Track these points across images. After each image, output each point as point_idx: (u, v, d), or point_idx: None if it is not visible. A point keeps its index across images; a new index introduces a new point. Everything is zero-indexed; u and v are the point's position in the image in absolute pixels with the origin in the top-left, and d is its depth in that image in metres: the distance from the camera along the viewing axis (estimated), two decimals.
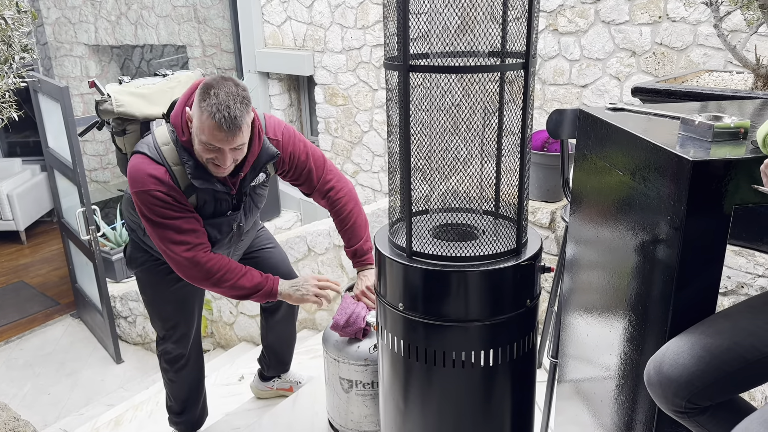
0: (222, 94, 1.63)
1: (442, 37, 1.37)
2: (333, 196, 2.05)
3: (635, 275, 1.16)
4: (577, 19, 3.83)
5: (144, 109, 1.88)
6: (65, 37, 6.98)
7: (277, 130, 1.93)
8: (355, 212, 2.09)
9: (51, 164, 5.01)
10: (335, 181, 2.06)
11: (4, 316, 5.47)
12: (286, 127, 1.97)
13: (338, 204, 2.06)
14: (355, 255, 2.08)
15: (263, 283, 1.91)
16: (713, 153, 1.00)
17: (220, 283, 1.86)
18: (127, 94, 1.89)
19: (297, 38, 5.32)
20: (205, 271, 1.84)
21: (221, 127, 1.62)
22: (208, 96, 1.63)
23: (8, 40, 1.49)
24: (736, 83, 2.08)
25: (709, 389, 1.01)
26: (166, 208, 1.78)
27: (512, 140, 1.47)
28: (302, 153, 1.98)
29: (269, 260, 2.26)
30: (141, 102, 1.89)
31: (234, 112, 1.63)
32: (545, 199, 2.87)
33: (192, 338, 2.30)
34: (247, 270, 1.91)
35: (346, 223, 2.08)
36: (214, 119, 1.62)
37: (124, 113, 1.87)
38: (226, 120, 1.62)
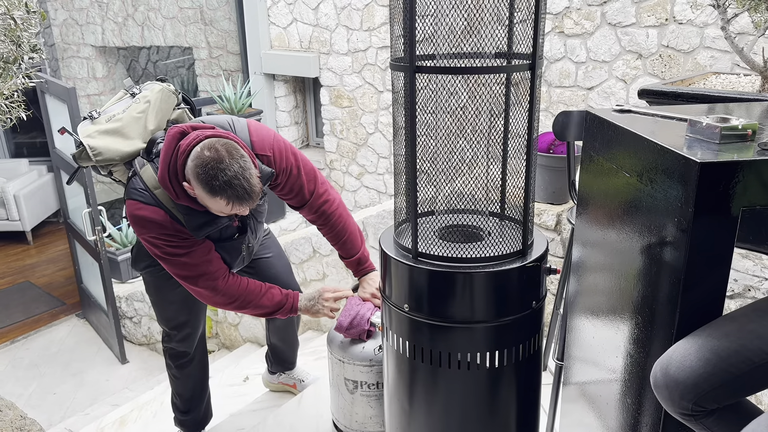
0: (230, 175, 1.55)
1: (448, 39, 1.37)
2: (327, 209, 1.96)
3: (642, 277, 1.16)
4: (584, 22, 3.83)
5: (121, 147, 1.80)
6: (72, 38, 7.02)
7: (265, 145, 1.82)
8: (349, 222, 2.03)
9: (58, 165, 5.04)
10: (327, 194, 1.96)
11: (9, 316, 5.49)
12: (275, 138, 1.86)
13: (333, 217, 1.98)
14: (358, 264, 2.05)
15: (284, 301, 1.95)
16: (721, 155, 1.00)
17: (244, 307, 1.92)
18: (100, 135, 1.80)
19: (303, 40, 5.33)
20: (227, 298, 1.88)
21: (242, 203, 1.61)
22: (215, 180, 1.56)
23: (17, 41, 1.50)
24: (743, 85, 2.07)
25: (716, 392, 1.00)
26: (174, 246, 1.78)
27: (518, 142, 1.47)
28: (293, 167, 1.88)
29: (269, 270, 2.23)
30: (116, 141, 1.80)
31: (250, 187, 1.58)
32: (551, 201, 2.86)
33: (197, 338, 2.31)
34: (267, 289, 1.94)
35: (343, 234, 2.01)
36: (233, 200, 1.59)
37: (102, 161, 1.80)
38: (247, 198, 1.59)
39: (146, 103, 1.82)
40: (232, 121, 1.82)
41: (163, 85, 1.87)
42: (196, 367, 2.37)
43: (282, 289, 1.99)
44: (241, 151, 1.61)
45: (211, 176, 1.56)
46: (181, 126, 1.67)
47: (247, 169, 1.58)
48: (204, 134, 1.62)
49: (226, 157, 1.56)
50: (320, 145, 5.83)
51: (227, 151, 1.57)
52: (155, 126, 1.82)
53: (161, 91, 1.84)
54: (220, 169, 1.55)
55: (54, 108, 4.70)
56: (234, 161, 1.56)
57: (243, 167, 1.57)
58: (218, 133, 1.66)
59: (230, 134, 1.68)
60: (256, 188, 1.61)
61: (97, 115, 1.85)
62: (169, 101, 1.86)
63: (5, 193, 6.64)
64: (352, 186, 5.48)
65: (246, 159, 1.60)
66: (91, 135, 1.80)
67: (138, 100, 1.84)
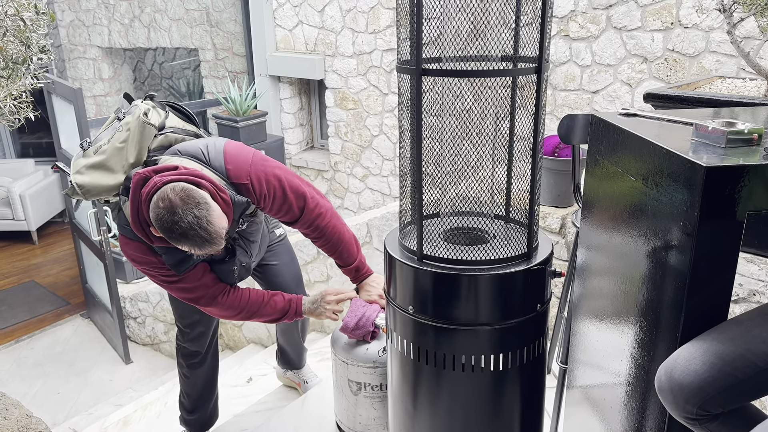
0: (184, 227, 1.53)
1: (454, 42, 1.37)
2: (320, 224, 1.90)
3: (647, 281, 1.16)
4: (589, 25, 3.83)
5: (106, 182, 1.79)
6: (79, 39, 7.05)
7: (242, 173, 1.73)
8: (344, 232, 1.96)
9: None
10: (318, 208, 1.88)
11: (15, 315, 5.51)
12: (253, 163, 1.76)
13: (326, 230, 1.92)
14: (356, 271, 2.02)
15: (287, 307, 1.98)
16: (726, 159, 1.00)
17: (250, 317, 1.96)
18: (87, 170, 1.79)
19: (308, 42, 5.34)
20: (231, 312, 1.92)
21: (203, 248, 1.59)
22: (171, 233, 1.55)
23: (27, 42, 1.51)
24: (749, 90, 2.07)
25: (720, 396, 1.00)
26: (166, 275, 1.82)
27: (523, 145, 1.47)
28: (277, 189, 1.79)
29: (275, 278, 2.25)
30: (102, 175, 1.78)
31: (208, 235, 1.56)
32: (555, 204, 2.86)
33: (209, 338, 2.34)
34: (270, 297, 1.96)
35: (338, 245, 1.96)
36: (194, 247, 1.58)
37: (91, 197, 1.83)
38: (208, 244, 1.57)
39: (127, 131, 1.78)
40: (207, 148, 1.74)
41: (145, 107, 1.81)
42: (206, 369, 2.39)
43: (285, 294, 2.01)
44: (197, 196, 1.56)
45: (167, 229, 1.55)
46: (143, 172, 1.63)
47: (203, 218, 1.54)
48: (162, 180, 1.58)
49: (180, 208, 1.53)
50: (325, 147, 5.84)
51: (181, 200, 1.54)
52: (135, 159, 1.79)
53: (138, 121, 1.78)
54: (174, 221, 1.53)
55: (60, 108, 4.73)
56: (188, 212, 1.53)
57: (198, 216, 1.53)
58: (178, 176, 1.60)
59: (193, 173, 1.62)
60: (216, 233, 1.57)
61: (87, 145, 1.85)
62: (147, 133, 1.79)
63: (11, 192, 6.67)
64: (356, 188, 5.49)
65: (202, 206, 1.55)
66: (79, 171, 1.80)
67: (121, 127, 1.80)
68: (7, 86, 1.54)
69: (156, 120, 1.81)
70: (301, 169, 5.82)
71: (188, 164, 1.69)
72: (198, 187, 1.59)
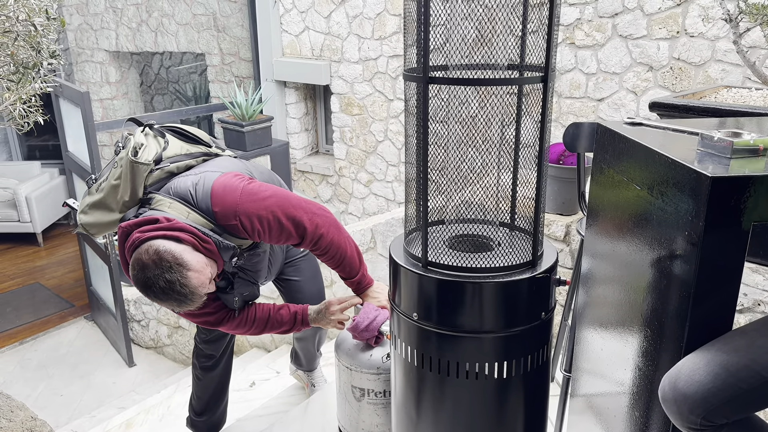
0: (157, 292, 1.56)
1: (460, 49, 1.38)
2: (322, 244, 1.83)
3: (651, 290, 1.16)
4: (595, 33, 3.83)
5: (106, 219, 1.80)
6: (86, 43, 7.09)
7: (229, 214, 1.67)
8: (347, 246, 1.91)
9: (70, 168, 5.09)
10: (318, 228, 1.80)
11: (19, 317, 5.53)
12: (240, 201, 1.68)
13: (330, 248, 1.86)
14: (359, 284, 2.00)
15: (293, 319, 2.01)
16: (732, 169, 1.00)
17: (259, 332, 1.99)
18: (90, 209, 1.82)
19: (314, 48, 5.36)
20: (241, 329, 1.95)
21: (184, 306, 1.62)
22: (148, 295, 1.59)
23: (37, 46, 1.53)
24: (755, 100, 2.07)
25: (725, 406, 1.00)
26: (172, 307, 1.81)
27: (529, 153, 1.48)
28: (272, 222, 1.72)
29: (296, 294, 2.27)
30: (103, 214, 1.80)
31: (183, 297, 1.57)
32: (560, 212, 2.86)
33: (225, 342, 2.36)
34: (276, 311, 1.99)
35: (341, 260, 1.91)
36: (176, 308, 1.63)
37: (98, 234, 1.86)
38: (186, 303, 1.60)
39: (121, 168, 1.76)
40: (195, 189, 1.69)
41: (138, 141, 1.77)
42: (219, 372, 2.40)
43: (291, 306, 2.02)
44: (170, 258, 1.55)
45: (144, 291, 1.59)
46: (125, 225, 1.65)
47: (175, 282, 1.55)
48: (140, 237, 1.59)
49: (152, 272, 1.55)
50: (330, 152, 5.86)
51: (154, 263, 1.55)
52: (129, 198, 1.76)
53: (128, 163, 1.73)
54: (148, 286, 1.57)
55: (67, 112, 4.76)
56: (159, 277, 1.54)
57: (169, 281, 1.55)
58: (156, 233, 1.59)
59: (173, 226, 1.60)
60: (192, 293, 1.58)
61: (92, 182, 1.87)
62: (137, 172, 1.73)
63: (17, 195, 6.70)
64: (360, 193, 5.49)
65: (174, 269, 1.55)
66: (84, 210, 1.84)
67: (116, 163, 1.78)
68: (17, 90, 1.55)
69: (150, 155, 1.75)
70: (306, 174, 5.83)
71: (175, 209, 1.66)
72: (178, 242, 1.59)
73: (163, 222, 1.61)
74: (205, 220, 1.67)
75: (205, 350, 2.33)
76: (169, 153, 1.80)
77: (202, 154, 1.87)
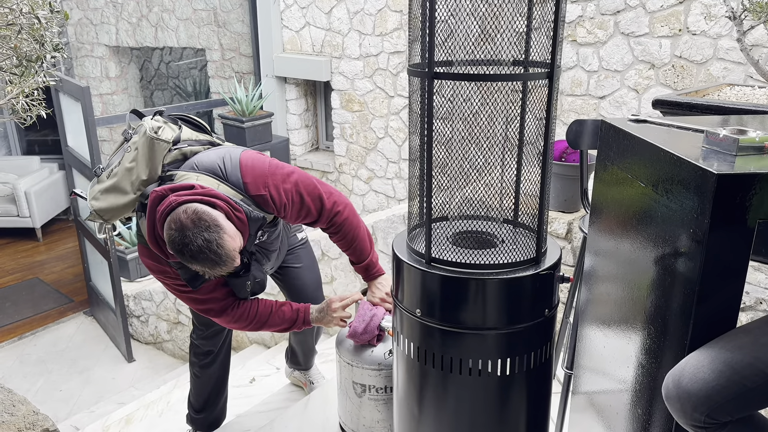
0: (194, 250, 1.56)
1: (464, 46, 1.37)
2: (337, 220, 1.90)
3: (655, 288, 1.16)
4: (596, 31, 3.83)
5: (120, 202, 1.81)
6: (86, 37, 7.08)
7: (260, 184, 1.73)
8: (359, 228, 1.97)
9: (69, 163, 5.08)
10: (335, 206, 1.89)
11: (18, 312, 5.53)
12: (270, 172, 1.76)
13: (343, 226, 1.92)
14: (367, 269, 2.04)
15: (295, 317, 2.00)
16: (737, 166, 1.00)
17: (258, 328, 1.99)
18: (102, 194, 1.83)
19: (315, 44, 5.35)
20: (239, 323, 1.95)
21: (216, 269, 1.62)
22: (182, 255, 1.59)
23: (41, 39, 1.52)
24: (758, 98, 2.07)
25: (729, 404, 1.00)
26: (179, 286, 1.85)
27: (532, 150, 1.47)
28: (294, 195, 1.79)
29: (296, 281, 2.27)
30: (117, 197, 1.81)
31: (218, 257, 1.58)
32: (562, 209, 2.86)
33: (224, 338, 2.36)
34: (279, 308, 1.99)
35: (353, 241, 1.97)
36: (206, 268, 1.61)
37: (112, 218, 1.87)
38: (219, 266, 1.60)
39: (135, 151, 1.78)
40: (223, 162, 1.74)
41: (154, 124, 1.80)
42: (217, 368, 2.40)
43: (293, 304, 2.02)
44: (208, 219, 1.58)
45: (178, 250, 1.59)
46: (160, 190, 1.66)
47: (212, 241, 1.56)
48: (177, 200, 1.60)
49: (191, 231, 1.56)
50: (330, 149, 5.85)
51: (192, 223, 1.56)
52: (147, 176, 1.78)
53: (146, 138, 1.77)
54: (185, 244, 1.57)
55: (67, 106, 4.75)
56: (198, 235, 1.56)
57: (207, 240, 1.56)
58: (193, 196, 1.62)
59: (209, 192, 1.64)
60: (227, 256, 1.59)
61: (100, 171, 1.88)
62: (157, 149, 1.78)
63: (16, 189, 6.69)
64: (360, 190, 5.49)
65: (212, 229, 1.57)
66: (95, 197, 1.84)
67: (129, 147, 1.81)
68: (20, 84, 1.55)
69: (169, 135, 1.80)
70: (306, 170, 5.82)
71: (205, 181, 1.69)
72: (213, 208, 1.61)
73: (198, 188, 1.65)
74: (235, 191, 1.71)
75: (203, 347, 2.33)
76: (184, 136, 1.86)
77: (208, 142, 1.91)
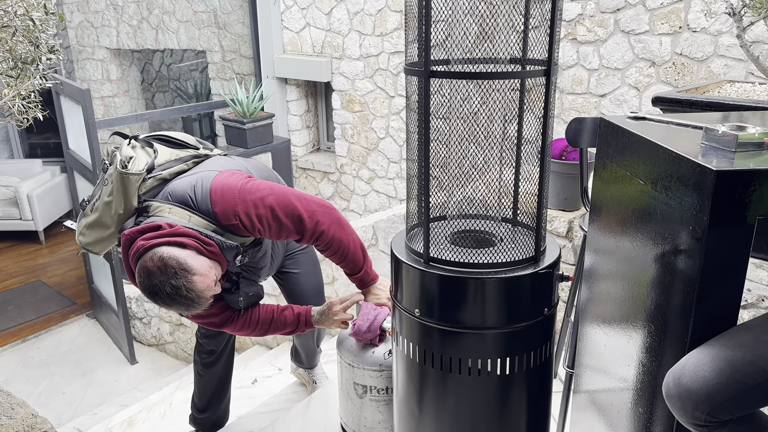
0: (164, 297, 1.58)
1: (462, 44, 1.37)
2: (323, 240, 1.83)
3: (655, 286, 1.15)
4: (597, 29, 3.82)
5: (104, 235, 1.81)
6: (87, 40, 7.08)
7: (229, 214, 1.67)
8: (350, 242, 1.89)
9: (71, 165, 5.08)
10: (318, 225, 1.79)
11: (21, 314, 5.53)
12: (239, 199, 1.68)
13: (331, 244, 1.84)
14: (361, 281, 1.99)
15: (296, 321, 2.00)
16: (737, 163, 0.99)
17: (262, 335, 2.00)
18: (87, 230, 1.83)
19: (315, 45, 5.35)
20: (245, 331, 1.95)
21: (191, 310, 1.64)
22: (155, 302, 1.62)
23: (36, 41, 1.52)
24: (758, 94, 2.05)
25: (729, 402, 0.99)
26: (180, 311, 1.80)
27: (531, 148, 1.47)
28: (270, 220, 1.72)
29: (295, 286, 2.26)
30: (100, 232, 1.80)
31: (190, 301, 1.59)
32: (563, 207, 2.85)
33: (227, 338, 2.36)
34: (280, 313, 1.99)
35: (344, 256, 1.89)
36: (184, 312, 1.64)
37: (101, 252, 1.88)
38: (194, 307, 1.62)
39: (111, 184, 1.76)
40: (194, 191, 1.70)
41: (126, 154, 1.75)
42: (220, 368, 2.40)
43: (294, 307, 2.02)
44: (175, 264, 1.56)
45: (151, 297, 1.61)
46: (128, 233, 1.65)
47: (181, 287, 1.56)
48: (144, 246, 1.60)
49: (158, 279, 1.57)
50: (331, 149, 5.85)
51: (159, 270, 1.56)
52: (123, 210, 1.75)
53: (116, 173, 1.72)
54: (155, 292, 1.59)
55: (68, 109, 4.75)
56: (165, 283, 1.56)
57: (175, 286, 1.56)
58: (159, 240, 1.60)
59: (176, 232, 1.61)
60: (199, 296, 1.59)
61: (85, 204, 1.87)
62: (128, 183, 1.73)
63: (19, 192, 6.70)
64: (362, 190, 5.48)
65: (179, 275, 1.56)
66: (82, 232, 1.85)
67: (106, 180, 1.79)
68: (16, 86, 1.55)
69: (141, 165, 1.75)
70: (307, 171, 5.82)
71: (176, 214, 1.67)
72: (182, 247, 1.60)
73: (166, 228, 1.62)
74: (207, 221, 1.68)
75: (206, 345, 2.33)
76: (160, 161, 1.80)
77: (191, 157, 1.87)
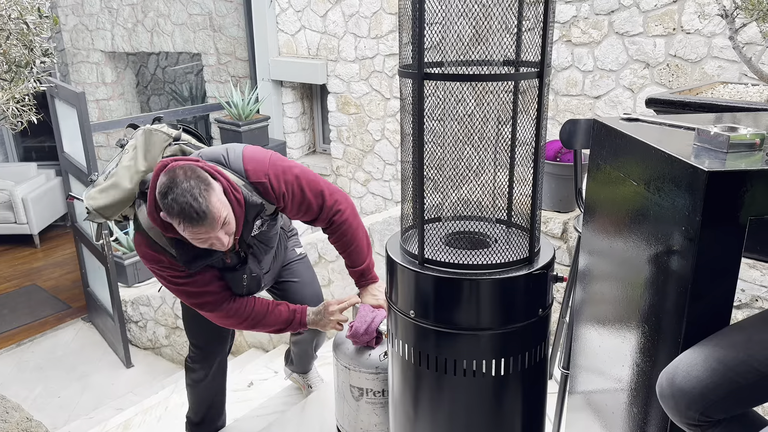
0: (177, 192, 1.54)
1: (456, 46, 1.37)
2: (336, 220, 1.90)
3: (649, 286, 1.16)
4: (591, 31, 3.83)
5: (120, 195, 1.83)
6: (82, 43, 7.07)
7: (260, 172, 1.76)
8: (358, 232, 1.95)
9: (66, 169, 5.07)
10: (337, 204, 1.88)
11: (16, 318, 5.51)
12: (271, 162, 1.79)
13: (342, 227, 1.91)
14: (361, 275, 2.01)
15: (291, 318, 1.99)
16: (729, 164, 1.00)
17: (253, 327, 1.96)
18: (100, 194, 1.85)
19: (311, 47, 5.36)
20: (234, 320, 1.93)
21: (194, 224, 1.56)
22: (164, 199, 1.56)
23: (30, 45, 1.52)
24: (751, 95, 2.07)
25: (723, 402, 1.00)
26: (174, 277, 1.82)
27: (525, 150, 1.47)
28: (295, 187, 1.80)
29: (294, 295, 2.25)
30: (115, 193, 1.83)
31: (199, 206, 1.54)
32: (557, 209, 2.86)
33: (217, 360, 2.32)
34: (275, 307, 1.97)
35: (350, 245, 1.95)
36: (184, 222, 1.56)
37: (111, 214, 1.87)
38: (197, 218, 1.55)
39: (134, 149, 1.83)
40: (227, 152, 1.78)
41: (150, 126, 1.86)
42: (212, 387, 2.38)
43: (291, 304, 2.01)
44: (202, 175, 1.58)
45: (162, 194, 1.56)
46: (167, 159, 1.65)
47: (196, 187, 1.54)
48: (179, 164, 1.60)
49: (180, 177, 1.55)
50: (327, 152, 5.85)
51: (183, 173, 1.56)
52: (146, 167, 1.80)
53: (144, 132, 1.84)
54: (170, 188, 1.54)
55: (63, 112, 4.74)
56: (185, 180, 1.54)
57: (192, 186, 1.54)
58: (196, 163, 1.63)
59: (212, 166, 1.65)
60: (209, 211, 1.55)
61: (95, 177, 1.91)
62: (155, 139, 1.82)
63: (13, 196, 6.68)
64: (358, 192, 5.49)
65: (201, 180, 1.56)
66: (92, 197, 1.86)
67: (126, 150, 1.86)
68: (10, 89, 1.54)
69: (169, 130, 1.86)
70: None
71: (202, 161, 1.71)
72: (213, 178, 1.63)
73: (203, 163, 1.66)
74: (237, 177, 1.74)
75: (195, 368, 2.31)
76: (184, 138, 1.89)
77: None
